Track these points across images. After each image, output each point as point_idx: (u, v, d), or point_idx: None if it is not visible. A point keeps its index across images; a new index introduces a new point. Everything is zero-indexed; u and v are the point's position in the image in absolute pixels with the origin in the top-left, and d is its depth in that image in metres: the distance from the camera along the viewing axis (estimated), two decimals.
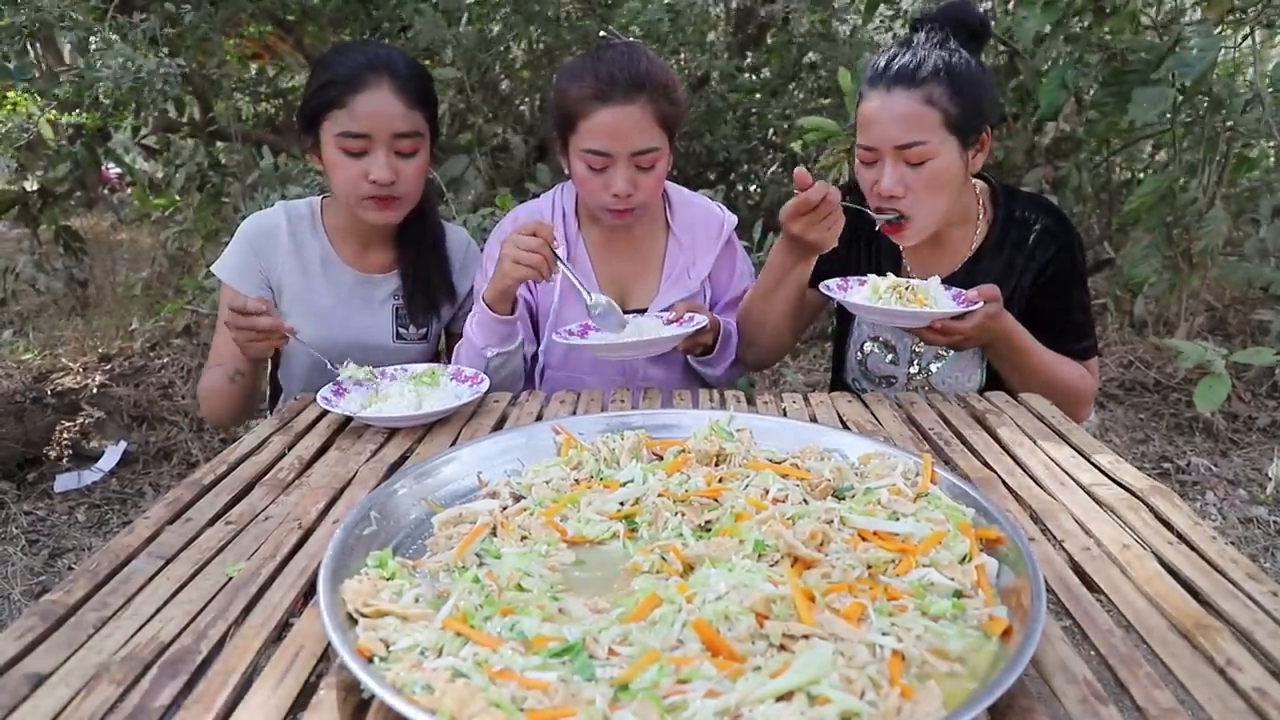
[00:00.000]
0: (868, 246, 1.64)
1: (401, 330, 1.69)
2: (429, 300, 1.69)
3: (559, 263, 1.44)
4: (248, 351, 1.44)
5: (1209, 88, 2.60)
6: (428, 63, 3.59)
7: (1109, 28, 2.85)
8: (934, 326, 1.37)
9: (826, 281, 1.47)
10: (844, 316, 1.74)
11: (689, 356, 1.66)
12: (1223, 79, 2.60)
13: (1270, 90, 2.47)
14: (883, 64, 1.43)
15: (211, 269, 1.66)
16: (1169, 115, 2.74)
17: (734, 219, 1.74)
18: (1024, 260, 1.54)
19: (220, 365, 1.59)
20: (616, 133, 1.46)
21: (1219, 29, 2.42)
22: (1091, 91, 3.00)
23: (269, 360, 1.67)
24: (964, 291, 1.41)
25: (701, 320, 1.50)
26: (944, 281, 1.57)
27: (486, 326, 1.50)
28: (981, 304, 1.35)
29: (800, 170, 1.36)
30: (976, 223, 1.58)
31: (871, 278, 1.48)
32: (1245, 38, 2.59)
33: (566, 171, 1.59)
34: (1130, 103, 2.39)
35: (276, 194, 2.93)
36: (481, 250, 1.77)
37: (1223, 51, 2.52)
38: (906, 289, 1.40)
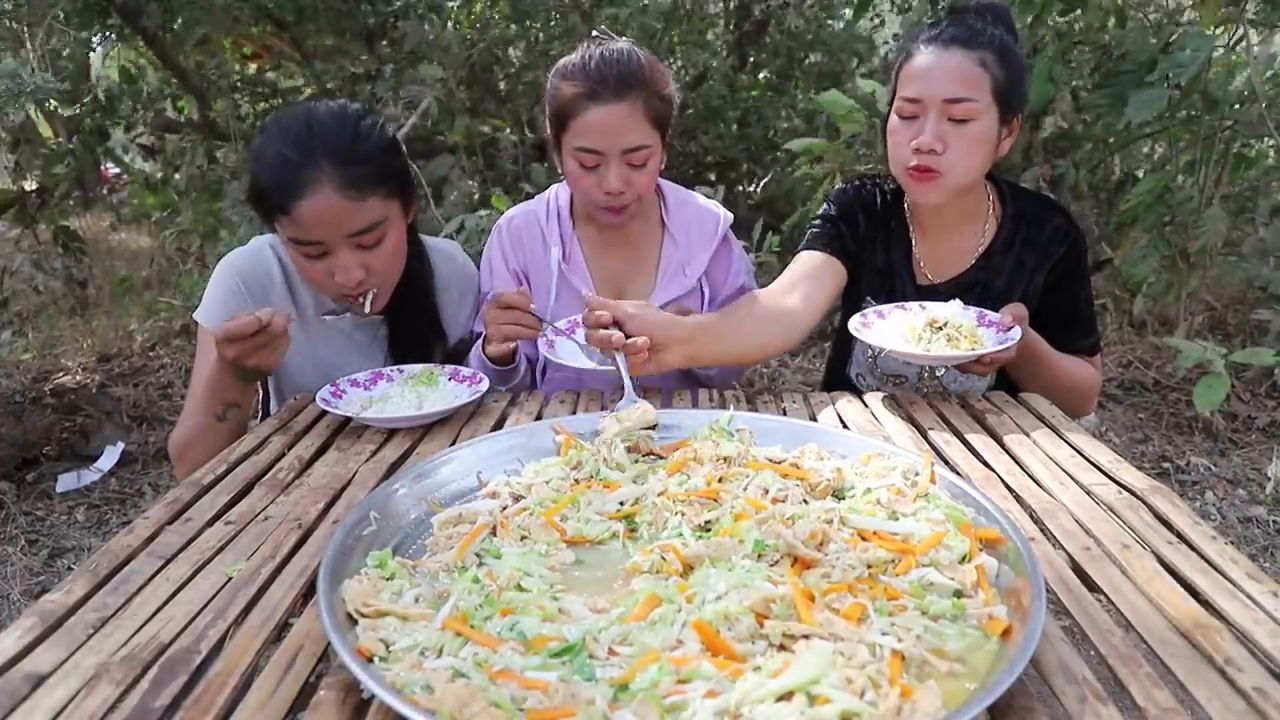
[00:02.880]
0: (874, 245, 1.64)
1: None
2: (418, 348, 1.59)
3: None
4: (265, 362, 1.29)
5: (1204, 87, 2.60)
6: (413, 63, 3.59)
7: (1085, 22, 2.86)
8: (982, 360, 1.36)
9: (853, 323, 1.43)
10: (848, 314, 1.73)
11: None
12: (1219, 78, 2.60)
13: (1267, 85, 2.48)
14: (938, 29, 1.44)
15: (195, 317, 1.51)
16: (1165, 114, 2.74)
17: (729, 216, 1.74)
18: (1036, 258, 1.55)
19: (199, 414, 1.42)
20: (607, 131, 1.47)
21: (1213, 29, 2.42)
22: (1086, 91, 3.00)
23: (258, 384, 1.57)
24: (987, 313, 1.40)
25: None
26: (957, 281, 1.58)
27: (489, 371, 1.51)
28: (1018, 331, 1.34)
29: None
30: (985, 219, 1.58)
31: (896, 314, 1.45)
32: (1239, 40, 2.59)
33: (560, 170, 1.60)
34: (1127, 105, 2.39)
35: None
36: (478, 258, 1.76)
37: (1218, 52, 2.52)
38: (944, 326, 1.37)
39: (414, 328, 1.59)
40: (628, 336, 1.27)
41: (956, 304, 1.41)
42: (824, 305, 1.57)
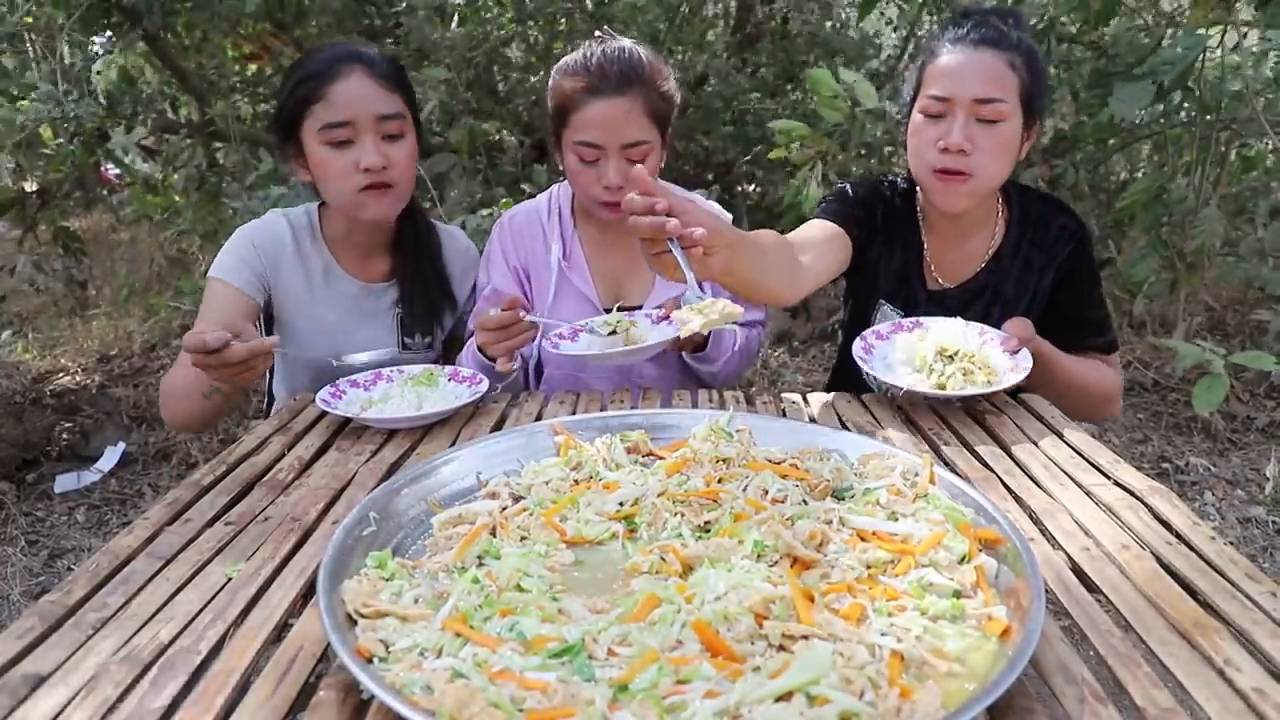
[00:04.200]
0: (888, 246, 1.63)
1: (407, 340, 1.65)
2: (429, 309, 1.65)
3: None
4: (233, 385, 1.34)
5: (1197, 89, 2.60)
6: (416, 64, 3.59)
7: (1085, 21, 2.85)
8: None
9: (856, 350, 1.39)
10: (858, 318, 1.72)
11: (684, 354, 1.66)
12: (1215, 80, 2.60)
13: (1261, 85, 2.47)
14: (965, 28, 1.43)
15: (208, 275, 1.56)
16: (1161, 115, 2.74)
17: (729, 217, 1.74)
18: (1043, 259, 1.55)
19: (189, 375, 1.38)
20: (607, 125, 1.48)
21: (1204, 29, 2.41)
22: (1083, 90, 3.00)
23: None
24: (988, 329, 1.38)
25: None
26: (967, 285, 1.57)
27: (486, 369, 1.49)
28: (1029, 356, 1.33)
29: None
30: (995, 222, 1.58)
31: (897, 336, 1.42)
32: (1228, 38, 2.58)
33: (561, 167, 1.60)
34: (1111, 98, 2.38)
35: (271, 194, 2.92)
36: (481, 251, 1.77)
37: (1213, 53, 2.52)
38: (955, 355, 1.34)
39: (424, 291, 1.64)
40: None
41: (958, 322, 1.39)
42: (826, 276, 1.52)
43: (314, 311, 1.59)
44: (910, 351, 1.39)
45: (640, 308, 1.63)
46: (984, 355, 1.35)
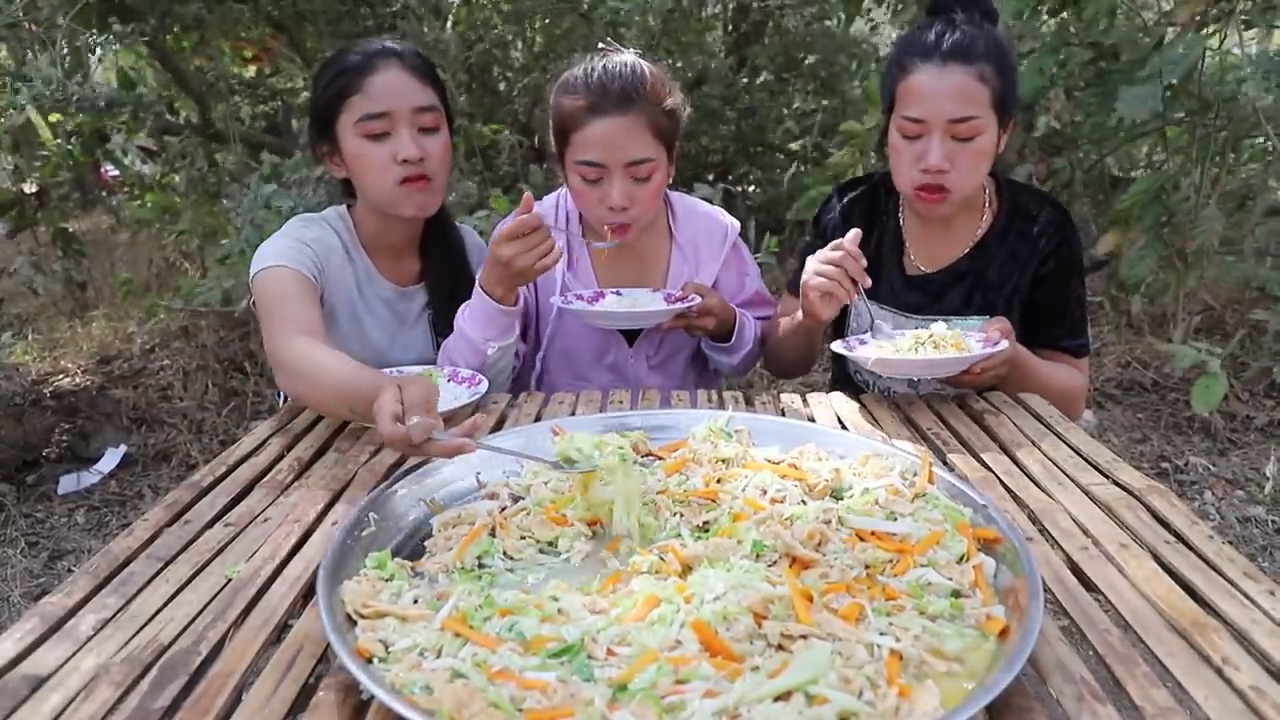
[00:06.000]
0: (865, 239, 1.64)
1: (440, 341, 1.62)
2: (457, 304, 1.61)
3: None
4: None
5: (1197, 87, 2.60)
6: None
7: (1085, 18, 2.86)
8: (971, 371, 1.35)
9: (835, 344, 1.45)
10: (839, 323, 1.73)
11: (704, 343, 1.67)
12: (1212, 77, 2.60)
13: (1261, 82, 2.47)
14: (932, 39, 1.41)
15: (258, 271, 1.44)
16: (1161, 114, 2.74)
17: (737, 225, 1.74)
18: (1028, 250, 1.55)
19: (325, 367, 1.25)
20: (610, 144, 1.45)
21: (1202, 29, 2.42)
22: (1079, 89, 3.00)
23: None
24: (972, 333, 1.40)
25: (695, 300, 1.53)
26: (950, 269, 1.58)
27: (490, 318, 1.45)
28: (1005, 342, 1.34)
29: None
30: (982, 211, 1.58)
31: (873, 339, 1.45)
32: (1218, 34, 2.59)
33: (564, 186, 1.60)
34: (1118, 101, 2.38)
35: (263, 191, 2.91)
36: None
37: (1210, 52, 2.52)
38: (929, 337, 1.37)
39: (454, 291, 1.61)
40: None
41: (941, 325, 1.41)
42: (821, 338, 1.62)
43: (358, 315, 1.57)
44: (897, 349, 1.40)
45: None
46: (957, 335, 1.37)
